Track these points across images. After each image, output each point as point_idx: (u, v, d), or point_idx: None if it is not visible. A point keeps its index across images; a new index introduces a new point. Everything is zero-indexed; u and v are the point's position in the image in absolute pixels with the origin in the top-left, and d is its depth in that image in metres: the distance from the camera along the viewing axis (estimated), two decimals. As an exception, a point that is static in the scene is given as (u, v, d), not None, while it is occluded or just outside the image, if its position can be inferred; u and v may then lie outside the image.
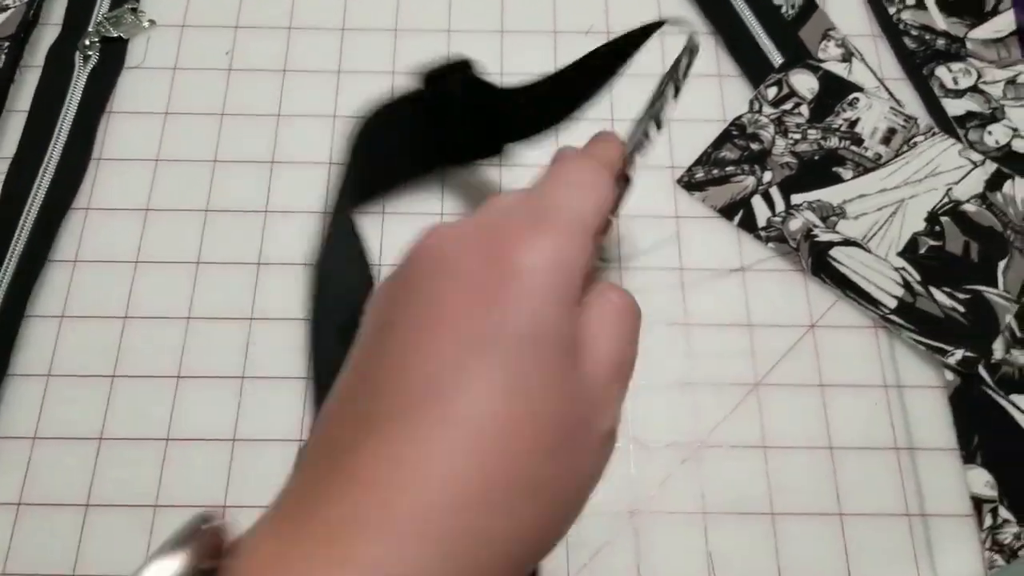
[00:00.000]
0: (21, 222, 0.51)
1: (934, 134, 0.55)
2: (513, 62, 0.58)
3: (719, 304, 0.51)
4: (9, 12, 0.58)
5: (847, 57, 0.58)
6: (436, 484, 0.23)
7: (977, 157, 0.54)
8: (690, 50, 0.43)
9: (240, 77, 0.58)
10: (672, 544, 0.45)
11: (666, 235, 0.53)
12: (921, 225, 0.52)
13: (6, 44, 0.56)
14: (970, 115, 0.56)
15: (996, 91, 0.56)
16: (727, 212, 0.53)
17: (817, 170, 0.54)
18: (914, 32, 0.59)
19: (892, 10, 0.60)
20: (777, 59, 0.57)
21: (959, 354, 0.49)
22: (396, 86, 0.56)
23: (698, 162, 0.54)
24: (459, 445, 0.23)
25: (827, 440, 0.48)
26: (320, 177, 0.54)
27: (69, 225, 0.53)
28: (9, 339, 0.48)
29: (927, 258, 0.51)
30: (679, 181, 0.54)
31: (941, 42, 0.59)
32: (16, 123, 0.56)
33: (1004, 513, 0.46)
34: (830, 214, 0.52)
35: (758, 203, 0.53)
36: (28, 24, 0.57)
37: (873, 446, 0.48)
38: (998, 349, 0.49)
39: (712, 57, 0.59)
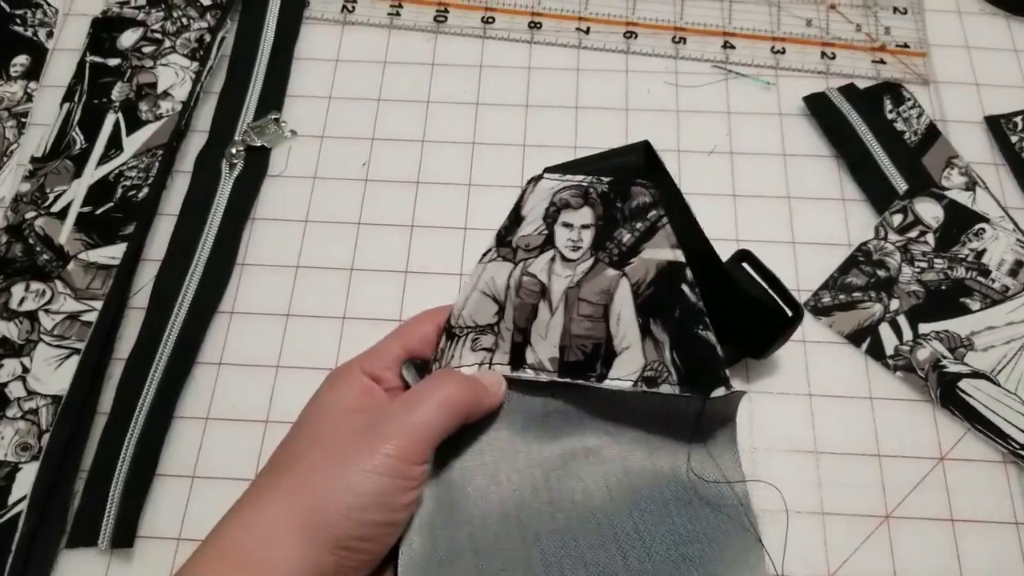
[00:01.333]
0: (170, 324, 0.54)
1: (1062, 267, 0.55)
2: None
3: (848, 432, 0.51)
4: (163, 121, 0.61)
5: (971, 186, 0.59)
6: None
7: (1107, 292, 0.54)
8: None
9: (376, 188, 0.60)
10: None
11: (794, 360, 0.53)
12: (1051, 360, 0.52)
13: (159, 152, 0.59)
14: (1098, 249, 0.56)
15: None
16: (854, 338, 0.54)
17: (944, 300, 0.54)
18: (1037, 161, 0.60)
19: (1014, 139, 0.61)
20: (901, 185, 0.58)
21: (1096, 496, 0.48)
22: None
23: (824, 286, 0.55)
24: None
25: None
26: (451, 287, 0.56)
27: (215, 327, 0.55)
28: (159, 438, 0.50)
29: (1058, 394, 0.51)
30: (806, 305, 0.55)
31: (1065, 173, 0.59)
32: (166, 227, 0.58)
33: None
34: (958, 345, 0.53)
35: (885, 331, 0.54)
36: (180, 133, 0.60)
37: (1006, 585, 0.47)
38: None
39: (836, 181, 0.60)
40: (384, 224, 0.59)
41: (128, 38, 0.65)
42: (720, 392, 0.40)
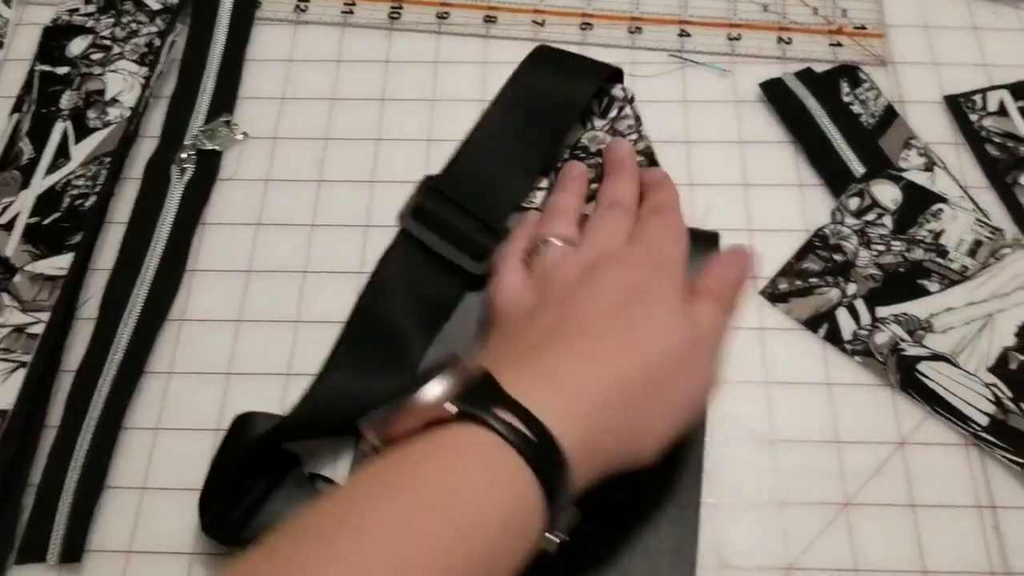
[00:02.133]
0: (119, 333, 0.53)
1: (1021, 245, 0.54)
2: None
3: (806, 419, 0.51)
4: (111, 128, 0.60)
5: (929, 166, 0.58)
6: (603, 371, 0.39)
7: (1067, 270, 0.53)
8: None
9: (330, 188, 0.59)
10: (764, 671, 0.44)
11: (750, 347, 0.53)
12: (1011, 340, 0.52)
13: (107, 160, 0.59)
14: (1058, 225, 0.55)
15: (1084, 201, 0.56)
16: (812, 324, 0.53)
17: (902, 282, 0.54)
18: (996, 139, 0.59)
19: (974, 117, 0.60)
20: (858, 168, 0.58)
21: (1056, 476, 0.48)
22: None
23: (781, 273, 0.54)
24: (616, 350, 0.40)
25: (921, 564, 0.47)
26: (406, 287, 0.55)
27: (164, 336, 0.54)
28: (108, 450, 0.50)
29: (1018, 374, 0.50)
30: (762, 292, 0.54)
31: (1025, 150, 0.59)
32: (115, 235, 0.58)
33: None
34: (917, 328, 0.52)
35: (843, 316, 0.53)
36: (129, 139, 0.60)
37: (968, 570, 0.47)
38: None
39: (792, 166, 0.59)
40: (339, 225, 0.58)
41: (77, 45, 0.65)
42: None
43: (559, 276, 0.45)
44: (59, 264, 0.55)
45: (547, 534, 0.35)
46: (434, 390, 0.35)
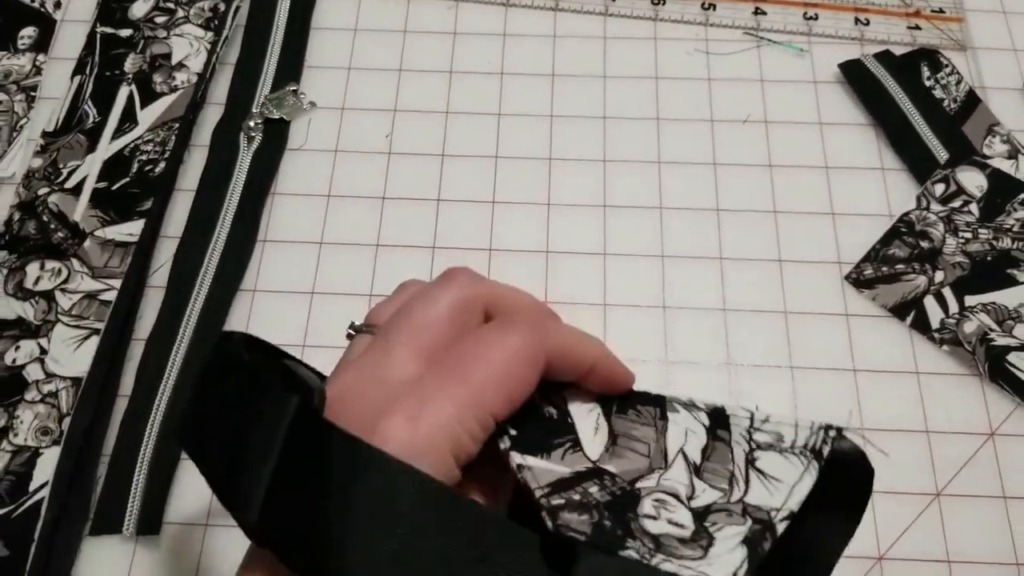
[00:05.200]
0: (192, 303, 0.52)
1: (1111, 237, 0.53)
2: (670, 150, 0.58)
3: (895, 408, 0.50)
4: (178, 94, 0.59)
5: (1013, 154, 0.57)
6: None
7: None
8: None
9: (400, 160, 0.58)
10: (858, 662, 0.44)
11: (837, 334, 0.52)
12: (1103, 332, 0.51)
13: (176, 125, 0.57)
14: None
15: None
16: (899, 312, 0.52)
17: (990, 271, 0.53)
18: (1081, 128, 0.58)
19: (1057, 105, 0.59)
20: (942, 154, 0.57)
21: None
22: (551, 171, 0.57)
23: (866, 258, 0.53)
24: None
25: (1014, 556, 0.46)
26: (481, 262, 0.54)
27: (237, 305, 0.53)
28: (184, 420, 0.48)
29: (1111, 367, 0.50)
30: (847, 278, 0.53)
31: (1111, 140, 0.58)
32: (183, 202, 0.56)
33: None
34: (1006, 317, 0.51)
35: (930, 303, 0.52)
36: (196, 106, 0.58)
37: (1063, 564, 0.46)
38: None
39: (875, 150, 0.58)
40: (409, 198, 0.57)
41: (139, 8, 0.63)
42: None
43: None
44: (129, 230, 0.54)
45: None
46: None
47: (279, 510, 0.26)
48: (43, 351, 0.50)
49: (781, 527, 0.29)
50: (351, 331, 0.32)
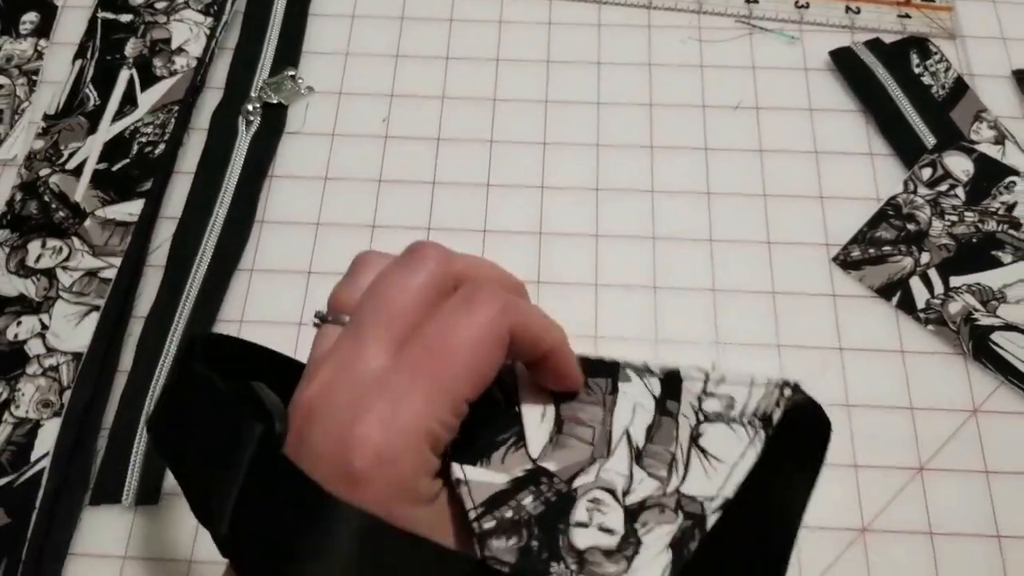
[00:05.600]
0: (190, 281, 0.53)
1: (1094, 220, 0.54)
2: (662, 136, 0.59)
3: (880, 386, 0.51)
4: (178, 78, 0.60)
5: (1000, 139, 0.58)
6: None
7: None
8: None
9: (396, 144, 0.59)
10: (841, 631, 0.45)
11: (824, 314, 0.53)
12: (1086, 312, 0.52)
13: (175, 108, 0.58)
14: None
15: None
16: (885, 292, 0.53)
17: (976, 253, 0.54)
18: (1066, 115, 0.59)
19: (1043, 92, 0.60)
20: (930, 140, 0.58)
21: None
22: (545, 155, 0.58)
23: (854, 240, 0.54)
24: None
25: (995, 528, 0.47)
26: (475, 245, 0.55)
27: (235, 285, 0.54)
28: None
29: (1093, 346, 0.51)
30: (835, 259, 0.54)
31: (1096, 126, 0.58)
32: (182, 184, 0.57)
33: None
34: (990, 298, 0.52)
35: (916, 284, 0.53)
36: (195, 89, 0.59)
37: (1043, 537, 0.47)
38: None
39: (863, 136, 0.59)
40: (405, 181, 0.58)
41: (140, -6, 0.64)
42: None
43: None
44: (129, 210, 0.55)
45: None
46: None
47: (245, 529, 0.27)
48: (44, 327, 0.51)
49: (713, 519, 0.29)
50: (317, 320, 0.31)
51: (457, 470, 0.29)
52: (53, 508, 0.46)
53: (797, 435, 0.33)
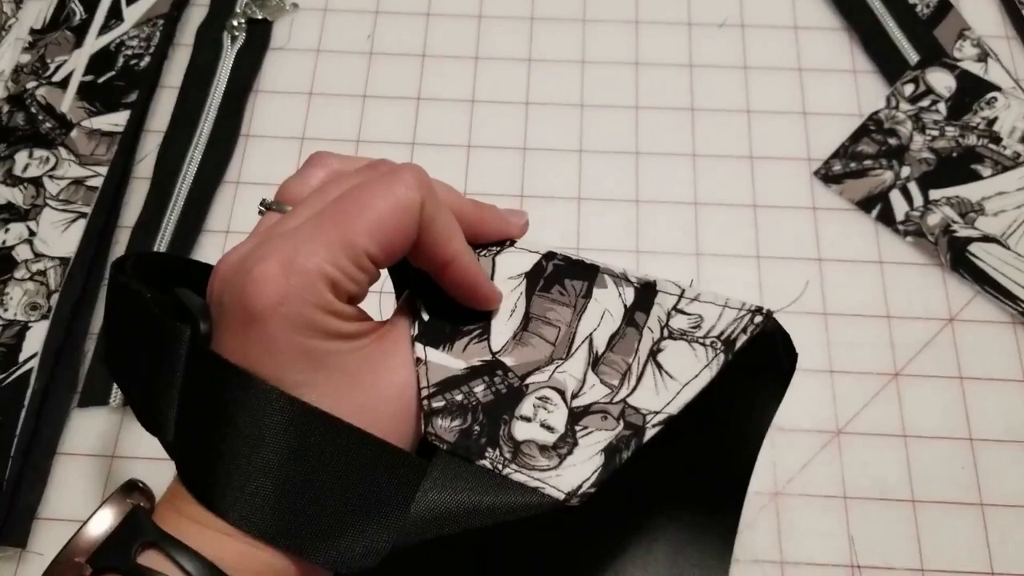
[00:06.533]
0: (176, 192, 0.53)
1: (1074, 135, 0.55)
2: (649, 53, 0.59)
3: (857, 295, 0.51)
4: (163, -9, 0.60)
5: (983, 57, 0.58)
6: None
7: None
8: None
9: (380, 60, 0.59)
10: (813, 527, 0.46)
11: (803, 226, 0.53)
12: (1062, 224, 0.52)
13: (160, 22, 0.58)
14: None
15: None
16: (865, 205, 0.53)
17: (955, 167, 0.54)
18: (1050, 34, 0.59)
19: (1027, 12, 0.60)
20: (913, 57, 0.58)
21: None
22: (530, 72, 0.58)
23: (835, 155, 0.55)
24: None
25: (967, 432, 0.48)
26: (460, 160, 0.56)
27: (221, 197, 0.54)
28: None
29: (1068, 257, 0.51)
30: (816, 173, 0.54)
31: (1079, 44, 0.59)
32: (167, 99, 0.57)
33: None
34: (969, 210, 0.53)
35: (896, 197, 0.53)
36: (180, 4, 0.59)
37: (1013, 439, 0.48)
38: None
39: (847, 52, 0.59)
40: (390, 97, 0.58)
41: (125, -90, 0.63)
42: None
43: None
44: (115, 120, 0.55)
45: None
46: (89, 533, 0.28)
47: (186, 431, 0.28)
48: (32, 233, 0.51)
49: (651, 432, 0.30)
50: (262, 208, 0.31)
51: (420, 350, 0.30)
52: (41, 408, 0.47)
53: (761, 363, 0.33)
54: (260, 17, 0.60)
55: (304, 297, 0.26)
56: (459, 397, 0.29)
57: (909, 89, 0.57)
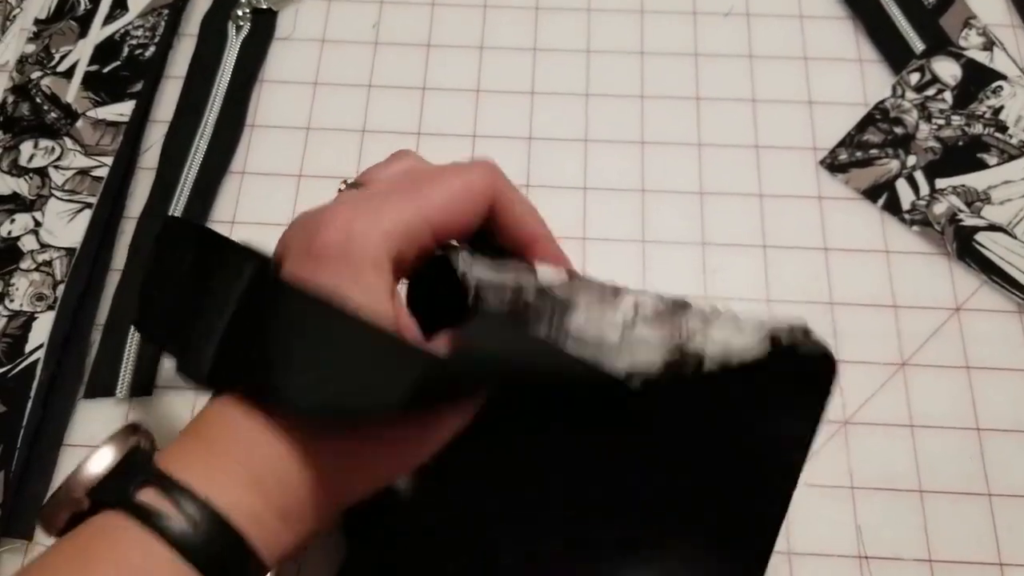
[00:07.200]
0: (182, 182, 0.53)
1: (1080, 123, 0.55)
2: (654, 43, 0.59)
3: (864, 285, 0.51)
4: (168, -19, 0.60)
5: (988, 46, 0.58)
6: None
7: None
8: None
9: (386, 50, 0.59)
10: (821, 517, 0.46)
11: (809, 216, 0.53)
12: (1069, 213, 0.52)
13: (165, 12, 0.58)
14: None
15: None
16: (871, 194, 0.53)
17: (961, 156, 0.54)
18: (1056, 23, 0.59)
19: (1033, 1, 0.60)
20: (918, 45, 0.58)
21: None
22: (535, 61, 0.58)
23: (841, 144, 0.55)
24: None
25: (975, 421, 0.48)
26: (465, 150, 0.56)
27: (227, 187, 0.54)
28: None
29: (1075, 246, 0.51)
30: (822, 162, 0.54)
31: (1086, 33, 0.59)
32: (173, 89, 0.57)
33: None
34: (975, 199, 0.53)
35: (902, 186, 0.53)
36: (185, -7, 0.59)
37: (1021, 428, 0.48)
38: None
39: (852, 42, 0.59)
40: (395, 87, 0.58)
41: (129, -100, 0.63)
42: None
43: None
44: (120, 111, 0.55)
45: None
46: (89, 470, 0.29)
47: (233, 356, 0.29)
48: (37, 223, 0.51)
49: (709, 364, 0.30)
50: (342, 186, 0.35)
51: (463, 263, 0.30)
52: (47, 399, 0.47)
53: (804, 376, 0.33)
54: (265, 7, 0.60)
55: (364, 245, 0.29)
56: (508, 295, 0.30)
57: (915, 78, 0.56)
